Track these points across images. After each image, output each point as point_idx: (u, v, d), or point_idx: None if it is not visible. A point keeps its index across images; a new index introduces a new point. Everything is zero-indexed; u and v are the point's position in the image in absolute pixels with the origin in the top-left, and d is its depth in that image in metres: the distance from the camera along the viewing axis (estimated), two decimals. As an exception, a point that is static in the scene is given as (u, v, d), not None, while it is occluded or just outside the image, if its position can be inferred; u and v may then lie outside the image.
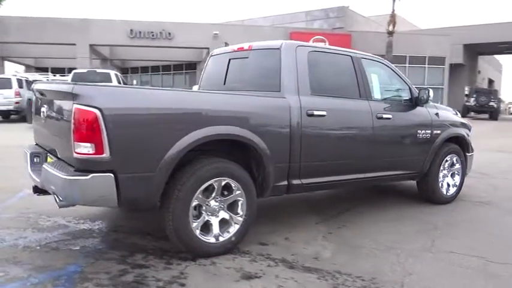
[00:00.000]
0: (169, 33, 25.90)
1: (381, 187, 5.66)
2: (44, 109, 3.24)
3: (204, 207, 3.11)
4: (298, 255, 3.27)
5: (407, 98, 4.61)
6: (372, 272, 3.01)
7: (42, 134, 3.48)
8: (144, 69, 36.97)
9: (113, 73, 16.38)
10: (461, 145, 5.11)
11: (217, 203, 3.17)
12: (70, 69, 20.22)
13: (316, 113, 3.62)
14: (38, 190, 3.27)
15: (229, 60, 4.28)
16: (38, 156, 3.42)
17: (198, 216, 3.09)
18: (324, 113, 3.67)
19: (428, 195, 4.91)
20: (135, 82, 30.55)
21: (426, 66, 28.85)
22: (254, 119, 3.31)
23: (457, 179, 5.12)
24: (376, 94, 4.30)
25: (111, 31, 25.41)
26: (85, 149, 2.59)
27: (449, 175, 5.03)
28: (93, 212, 4.14)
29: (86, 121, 2.58)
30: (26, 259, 3.03)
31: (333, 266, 3.08)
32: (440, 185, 4.89)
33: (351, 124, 3.98)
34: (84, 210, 4.02)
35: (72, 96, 2.62)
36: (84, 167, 2.64)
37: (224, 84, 4.28)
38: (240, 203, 3.26)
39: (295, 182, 3.61)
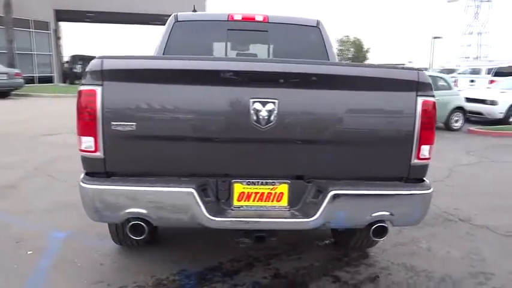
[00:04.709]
0: None
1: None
2: (271, 106, 2.04)
3: None
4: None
5: None
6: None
7: (241, 151, 2.19)
8: None
9: None
10: None
11: None
12: None
13: None
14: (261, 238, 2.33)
15: (228, 30, 3.60)
16: (205, 189, 2.17)
17: None
18: None
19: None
20: None
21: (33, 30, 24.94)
22: None
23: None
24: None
25: None
26: (427, 153, 2.24)
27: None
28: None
29: (432, 118, 2.21)
30: None
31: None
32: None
33: None
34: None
35: (416, 86, 2.17)
36: (422, 175, 2.30)
37: None
38: None
39: None
